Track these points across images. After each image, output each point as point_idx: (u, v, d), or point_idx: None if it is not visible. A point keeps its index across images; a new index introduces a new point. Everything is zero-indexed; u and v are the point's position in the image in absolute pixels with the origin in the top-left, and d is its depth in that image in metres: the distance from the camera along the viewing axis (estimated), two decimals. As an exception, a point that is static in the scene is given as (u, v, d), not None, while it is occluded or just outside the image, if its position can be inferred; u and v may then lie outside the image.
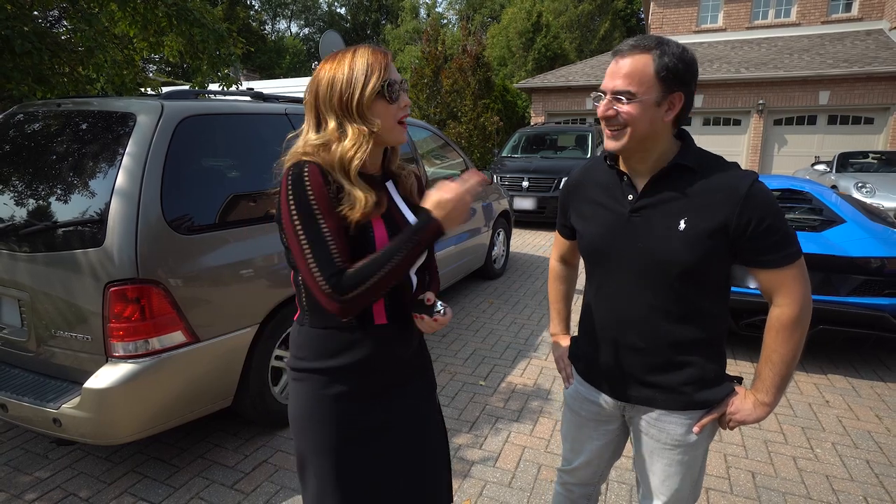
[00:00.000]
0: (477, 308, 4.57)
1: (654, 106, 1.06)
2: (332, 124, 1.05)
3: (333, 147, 1.04)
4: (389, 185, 1.17)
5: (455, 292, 4.99)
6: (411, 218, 1.14)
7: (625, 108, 1.06)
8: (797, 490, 2.20)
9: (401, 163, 1.21)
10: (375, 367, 1.13)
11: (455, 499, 2.13)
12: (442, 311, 1.10)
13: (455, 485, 2.22)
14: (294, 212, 1.00)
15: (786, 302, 1.09)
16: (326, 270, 0.98)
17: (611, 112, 1.08)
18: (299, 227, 1.00)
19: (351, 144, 1.03)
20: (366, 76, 1.02)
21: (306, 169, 1.01)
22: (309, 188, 1.00)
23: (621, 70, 1.06)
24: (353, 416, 1.13)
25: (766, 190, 1.07)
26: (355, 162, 1.03)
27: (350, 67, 1.03)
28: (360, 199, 1.02)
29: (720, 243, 1.07)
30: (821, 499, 2.15)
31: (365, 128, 1.04)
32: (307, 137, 1.07)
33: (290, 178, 1.01)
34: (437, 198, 1.04)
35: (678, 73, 1.06)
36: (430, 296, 1.11)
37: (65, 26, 4.30)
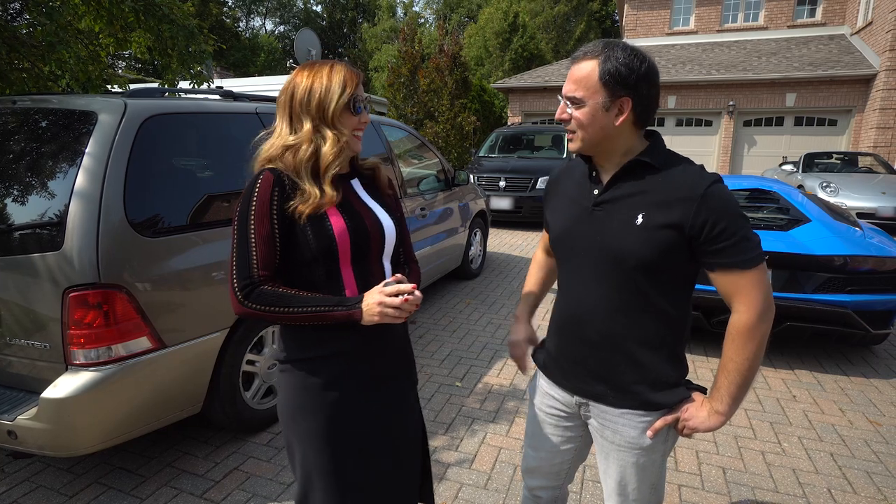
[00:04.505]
0: (454, 308, 4.57)
1: (601, 110, 1.08)
2: (307, 126, 1.14)
3: (304, 147, 1.13)
4: (355, 182, 1.28)
5: (432, 293, 4.97)
6: (372, 204, 1.25)
7: (575, 112, 1.10)
8: (766, 484, 2.25)
9: (363, 160, 1.35)
10: (359, 357, 1.20)
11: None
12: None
13: (431, 488, 2.20)
14: (237, 215, 1.12)
15: (742, 308, 1.06)
16: (242, 274, 1.10)
17: (565, 115, 1.13)
18: (235, 229, 1.12)
19: (331, 150, 1.14)
20: (342, 88, 1.14)
21: (261, 177, 1.12)
22: (255, 196, 1.11)
23: (573, 75, 1.10)
24: (340, 404, 1.18)
25: (725, 192, 1.06)
26: (334, 169, 1.15)
27: (329, 78, 1.14)
28: (314, 194, 1.12)
29: (676, 241, 1.07)
30: (788, 492, 2.20)
31: (338, 135, 1.15)
32: (282, 136, 1.16)
33: (249, 183, 1.13)
34: (375, 300, 1.10)
35: (621, 78, 1.05)
36: (399, 276, 1.15)
37: (26, 19, 4.13)
